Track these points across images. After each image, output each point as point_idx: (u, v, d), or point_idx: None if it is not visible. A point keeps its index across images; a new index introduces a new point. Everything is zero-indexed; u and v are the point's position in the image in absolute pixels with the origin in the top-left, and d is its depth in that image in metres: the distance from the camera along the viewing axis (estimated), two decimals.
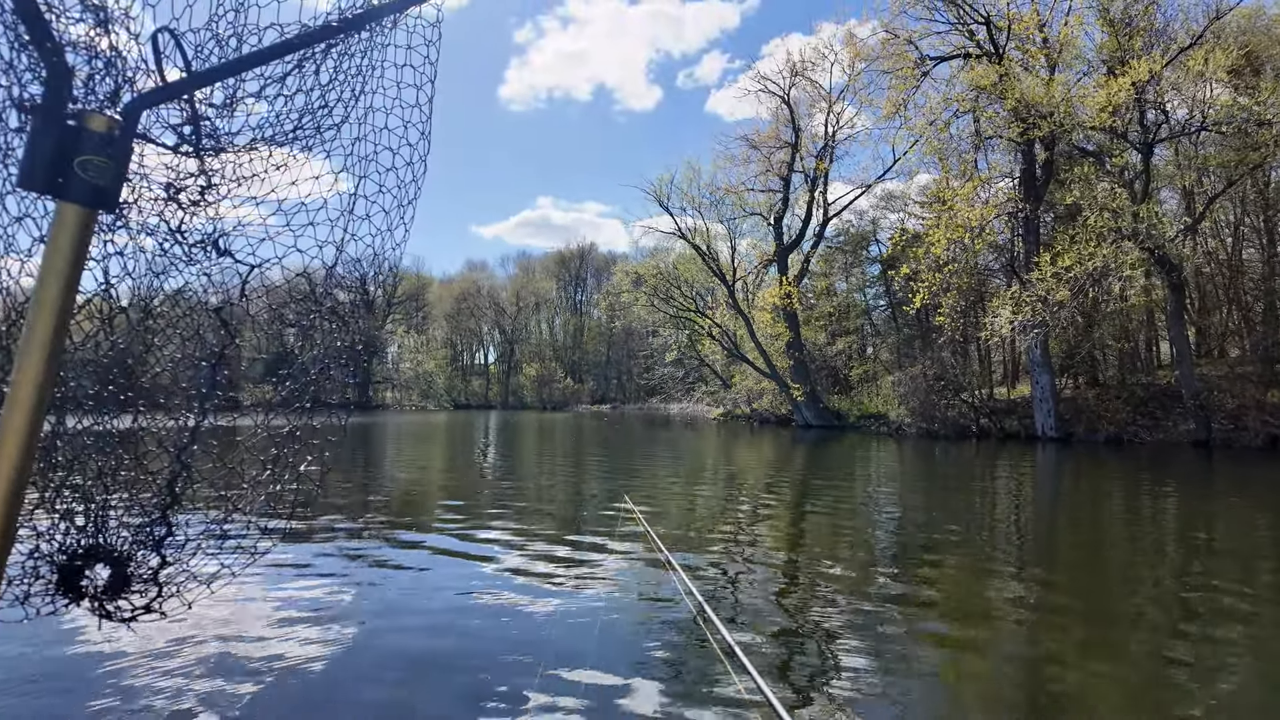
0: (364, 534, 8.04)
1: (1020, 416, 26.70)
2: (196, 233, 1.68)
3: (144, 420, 1.74)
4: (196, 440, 1.68)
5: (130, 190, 1.58)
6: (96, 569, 1.59)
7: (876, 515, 10.11)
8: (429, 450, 21.61)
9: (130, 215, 1.61)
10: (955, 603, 5.83)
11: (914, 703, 3.84)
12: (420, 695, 3.85)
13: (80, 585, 1.58)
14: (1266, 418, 21.48)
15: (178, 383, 1.81)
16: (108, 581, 1.59)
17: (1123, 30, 23.07)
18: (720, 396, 47.67)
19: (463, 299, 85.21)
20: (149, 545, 1.63)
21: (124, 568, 1.60)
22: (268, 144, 1.70)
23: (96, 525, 1.61)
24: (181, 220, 1.66)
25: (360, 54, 1.70)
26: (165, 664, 4.12)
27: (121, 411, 1.72)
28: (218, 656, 4.25)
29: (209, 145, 1.63)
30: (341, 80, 1.69)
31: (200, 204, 1.67)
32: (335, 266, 1.81)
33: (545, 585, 6.00)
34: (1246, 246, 30.17)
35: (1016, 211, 24.67)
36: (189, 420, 1.70)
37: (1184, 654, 4.71)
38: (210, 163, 1.66)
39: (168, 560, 1.64)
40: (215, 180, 1.67)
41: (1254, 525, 9.77)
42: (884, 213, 41.98)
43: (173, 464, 1.66)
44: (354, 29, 1.61)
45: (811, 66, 35.27)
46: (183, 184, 1.64)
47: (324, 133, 1.73)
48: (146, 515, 1.64)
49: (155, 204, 1.63)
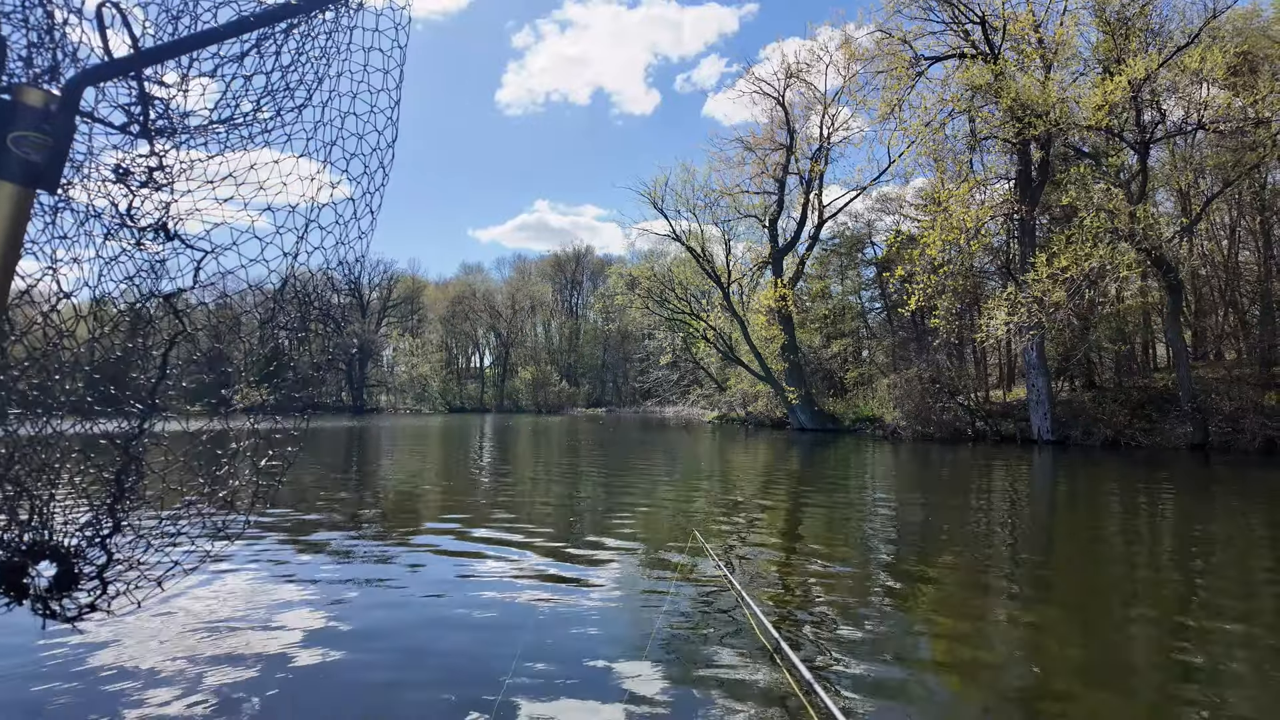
0: (356, 538, 8.02)
1: (1016, 419, 26.50)
2: (147, 218, 1.60)
3: (92, 412, 1.65)
4: (145, 431, 1.60)
5: (75, 171, 1.50)
6: (40, 566, 1.51)
7: (872, 520, 9.98)
8: (424, 454, 21.34)
9: (76, 198, 1.53)
10: (953, 609, 5.79)
11: (912, 711, 3.86)
12: (408, 698, 3.87)
13: (23, 583, 1.49)
14: (1264, 420, 21.29)
15: (128, 372, 1.72)
16: (52, 579, 1.51)
17: (1119, 30, 22.94)
18: (715, 399, 47.50)
19: (458, 302, 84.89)
20: (95, 541, 1.54)
21: (70, 564, 1.52)
22: (224, 126, 1.62)
23: (41, 520, 1.53)
24: (130, 204, 1.58)
25: (324, 35, 1.63)
26: (152, 663, 4.15)
27: (69, 403, 1.63)
28: (204, 657, 4.27)
29: (160, 126, 1.55)
30: (304, 62, 1.63)
31: (150, 186, 1.58)
32: (296, 256, 1.72)
33: (540, 588, 5.96)
34: (1242, 249, 30.06)
35: (1012, 213, 24.51)
36: (139, 410, 1.61)
37: (1183, 660, 4.69)
38: (162, 144, 1.58)
39: (115, 557, 1.56)
40: (167, 162, 1.59)
41: (1251, 528, 9.68)
42: (879, 215, 41.85)
43: (120, 456, 1.58)
44: (315, 9, 1.55)
45: (807, 69, 35.21)
46: (132, 165, 1.56)
47: (284, 115, 1.67)
48: (93, 510, 1.56)
49: (102, 186, 1.55)
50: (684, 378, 59.02)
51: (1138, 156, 23.26)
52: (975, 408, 28.41)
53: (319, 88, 1.68)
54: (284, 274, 1.76)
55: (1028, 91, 21.30)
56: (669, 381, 61.94)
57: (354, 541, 7.87)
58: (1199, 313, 30.69)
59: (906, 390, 29.49)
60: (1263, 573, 7.02)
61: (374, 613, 5.31)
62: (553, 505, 11.02)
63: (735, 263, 40.20)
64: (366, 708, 3.74)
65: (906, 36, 26.14)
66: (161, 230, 1.61)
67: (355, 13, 1.65)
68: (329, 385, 9.91)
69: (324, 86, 1.68)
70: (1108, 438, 23.76)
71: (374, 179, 1.74)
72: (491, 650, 4.52)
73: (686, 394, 57.11)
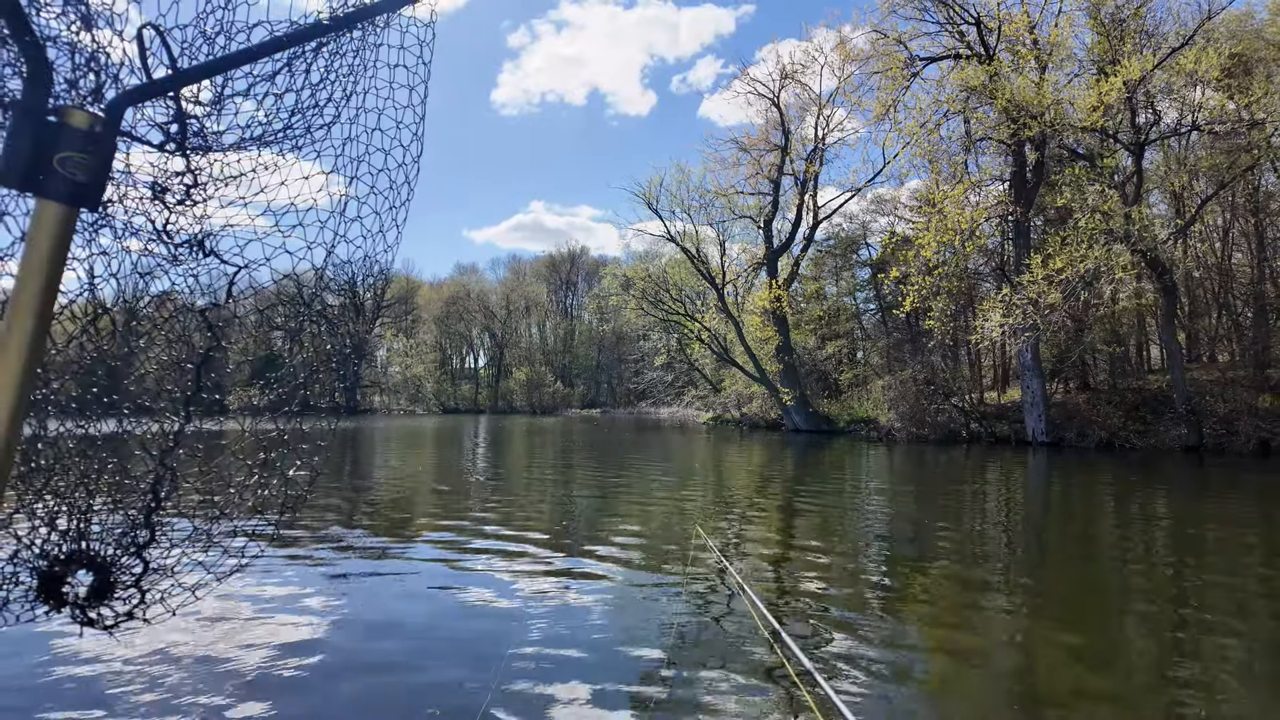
0: (349, 542, 7.98)
1: (1011, 421, 26.47)
2: (183, 233, 1.65)
3: (128, 424, 1.70)
4: (181, 443, 1.64)
5: (114, 189, 1.54)
6: (78, 575, 1.56)
7: (866, 522, 9.94)
8: (418, 456, 21.18)
9: (114, 214, 1.58)
10: (946, 611, 5.80)
11: (903, 712, 3.89)
12: (395, 703, 3.90)
13: (61, 592, 1.54)
14: (1258, 422, 21.30)
15: (163, 385, 1.76)
16: (90, 588, 1.55)
17: (1114, 31, 22.94)
18: (710, 401, 47.40)
19: (452, 302, 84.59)
20: (132, 550, 1.58)
21: (107, 574, 1.56)
22: (256, 143, 1.66)
23: (79, 530, 1.57)
24: (167, 220, 1.62)
25: (352, 53, 1.68)
26: (141, 669, 4.16)
27: (105, 415, 1.67)
28: (196, 660, 4.30)
29: (195, 144, 1.59)
30: (332, 80, 1.67)
31: (186, 203, 1.63)
32: (325, 269, 1.79)
33: (532, 595, 5.92)
34: (1235, 251, 30.13)
35: (1007, 215, 24.48)
36: (173, 424, 1.65)
37: (1176, 661, 4.74)
38: (197, 161, 1.62)
39: (151, 566, 1.60)
40: (202, 179, 1.64)
41: (1245, 531, 9.68)
42: (874, 216, 41.84)
43: (156, 468, 1.61)
44: (345, 28, 1.58)
45: (802, 69, 35.14)
46: (168, 183, 1.60)
47: (314, 132, 1.71)
48: (130, 520, 1.60)
49: (140, 203, 1.60)
50: (679, 379, 58.89)
51: (1132, 158, 23.25)
52: (970, 409, 28.37)
53: (347, 104, 1.71)
54: (315, 289, 1.83)
55: (1023, 92, 21.26)
56: (664, 383, 61.79)
57: (347, 546, 7.81)
58: (1193, 315, 30.74)
59: (901, 392, 29.44)
60: (1256, 582, 7.01)
61: (368, 616, 5.30)
62: (548, 507, 10.95)
63: (730, 264, 40.16)
64: (354, 711, 3.80)
65: (901, 37, 26.12)
66: (199, 246, 1.65)
67: (382, 30, 1.69)
68: (324, 387, 9.97)
69: (351, 103, 1.72)
70: (1102, 440, 23.74)
71: (399, 193, 1.78)
72: (485, 648, 4.62)
73: (681, 395, 56.98)
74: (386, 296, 78.39)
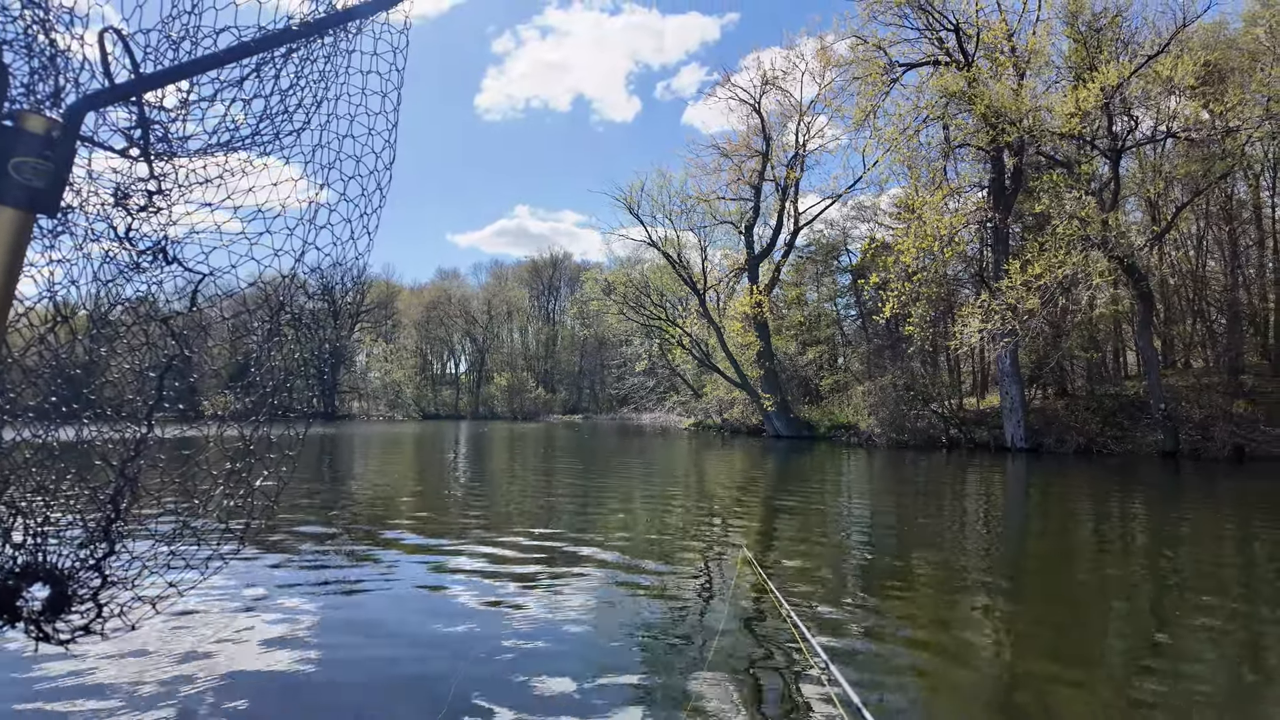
0: (323, 554, 7.78)
1: (990, 427, 26.53)
2: (146, 239, 1.62)
3: (88, 432, 1.64)
4: (142, 453, 1.60)
5: (74, 194, 1.51)
6: (34, 589, 1.50)
7: (848, 529, 9.85)
8: (397, 464, 20.77)
9: (75, 220, 1.54)
10: (928, 616, 5.80)
11: (891, 709, 3.94)
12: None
13: (16, 606, 1.47)
14: (1233, 428, 21.45)
15: (124, 394, 1.71)
16: (46, 601, 1.50)
17: (1091, 39, 23.13)
18: (692, 406, 47.23)
19: (433, 307, 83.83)
20: (90, 564, 1.53)
21: (64, 587, 1.51)
22: (223, 149, 1.64)
23: (35, 542, 1.51)
24: (129, 226, 1.59)
25: (323, 59, 1.65)
26: (121, 679, 4.11)
27: (64, 423, 1.62)
28: (175, 670, 4.26)
29: (160, 149, 1.56)
30: (302, 85, 1.65)
31: (149, 209, 1.60)
32: (293, 277, 1.75)
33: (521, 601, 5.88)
34: (1209, 259, 30.48)
35: (986, 221, 24.57)
36: (135, 432, 1.61)
37: (1155, 659, 4.87)
38: (162, 167, 1.59)
39: (110, 579, 1.55)
40: (166, 185, 1.61)
41: (1220, 536, 9.75)
42: (855, 223, 41.93)
43: (117, 478, 1.57)
44: (315, 34, 1.55)
45: (783, 76, 35.15)
46: (131, 188, 1.57)
47: (283, 139, 1.68)
48: (88, 532, 1.54)
49: (102, 209, 1.56)
50: (660, 384, 58.67)
51: (1109, 165, 23.42)
52: (949, 415, 28.41)
53: (317, 110, 1.69)
54: (283, 298, 1.78)
55: (1001, 98, 21.34)
56: (645, 388, 61.55)
57: (322, 556, 7.61)
58: (1168, 321, 31.02)
59: (881, 397, 29.45)
60: (1231, 583, 7.11)
61: (338, 631, 5.19)
62: (529, 514, 10.72)
63: (711, 269, 40.10)
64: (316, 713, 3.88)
65: (881, 43, 26.15)
66: (160, 253, 1.61)
67: (354, 36, 1.66)
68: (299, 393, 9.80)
69: (322, 109, 1.70)
70: (1080, 445, 23.82)
71: (371, 200, 1.75)
72: (436, 667, 4.52)
73: (663, 401, 56.80)
74: (366, 301, 77.78)
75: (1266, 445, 20.75)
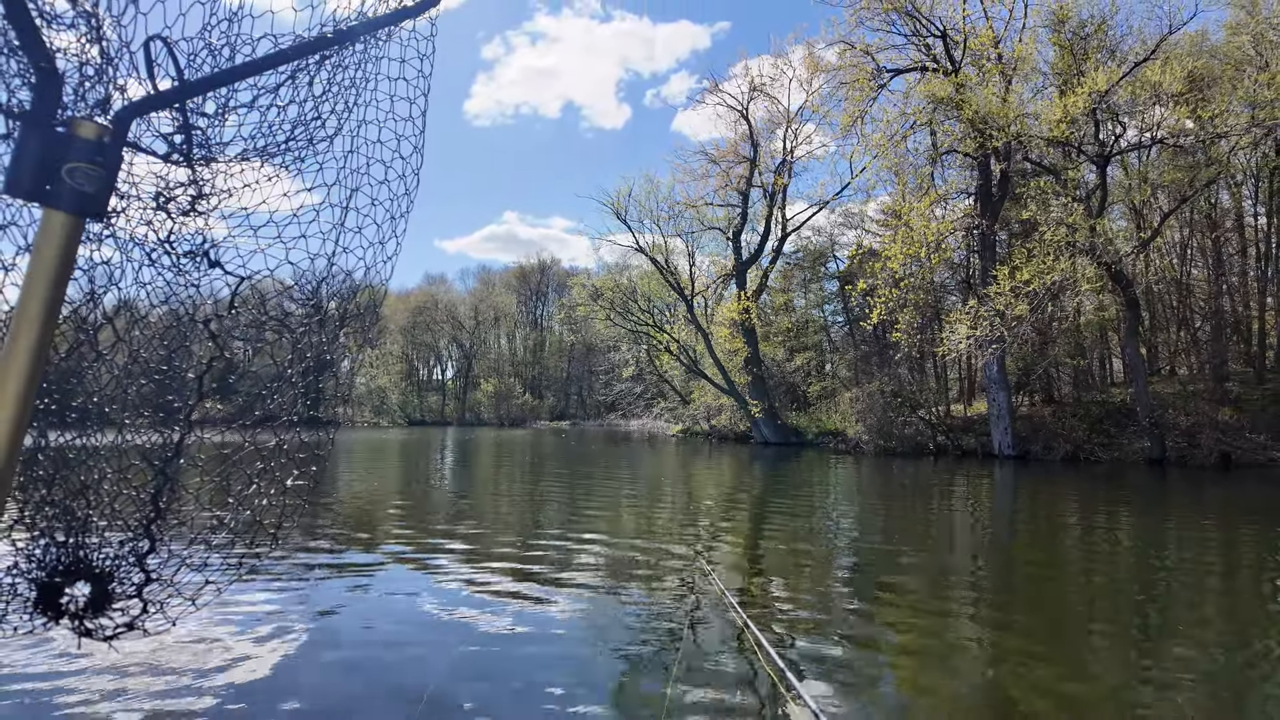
0: (309, 564, 7.56)
1: (977, 434, 26.46)
2: (186, 243, 1.64)
3: (128, 434, 1.69)
4: (181, 453, 1.63)
5: (119, 199, 1.54)
6: (77, 586, 1.55)
7: (836, 538, 9.68)
8: (381, 473, 20.42)
9: (118, 224, 1.58)
10: (910, 624, 5.64)
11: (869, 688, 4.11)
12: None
13: (60, 603, 1.54)
14: (1219, 435, 21.47)
15: (163, 395, 1.75)
16: (88, 599, 1.55)
17: (1077, 46, 23.20)
18: (679, 413, 47.01)
19: (419, 312, 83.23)
20: (132, 560, 1.59)
21: (106, 584, 1.56)
22: (259, 155, 1.67)
23: (78, 541, 1.58)
24: (170, 230, 1.63)
25: (354, 66, 1.69)
26: (110, 684, 4.13)
27: (105, 425, 1.68)
28: (151, 680, 4.23)
29: (200, 154, 1.60)
30: (335, 92, 1.69)
31: (190, 214, 1.64)
32: (325, 280, 1.81)
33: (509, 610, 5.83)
34: (1193, 266, 30.66)
35: (973, 227, 24.55)
36: (174, 434, 1.65)
37: (1140, 666, 4.88)
38: (201, 172, 1.62)
39: (151, 576, 1.60)
40: (206, 190, 1.64)
41: (1206, 542, 9.74)
42: (842, 230, 41.96)
43: (156, 477, 1.62)
44: (348, 41, 1.59)
45: (771, 82, 35.15)
46: (173, 193, 1.61)
47: (316, 144, 1.72)
48: (130, 530, 1.60)
49: (144, 213, 1.60)
50: (648, 390, 58.43)
51: (1096, 171, 23.47)
52: (937, 422, 28.34)
53: (349, 117, 1.72)
54: (323, 303, 1.88)
55: (988, 104, 21.33)
56: (633, 394, 61.29)
57: (307, 566, 7.39)
58: (1153, 328, 31.15)
59: (868, 404, 29.35)
60: (1218, 592, 7.11)
61: (312, 639, 5.13)
62: (515, 523, 10.53)
63: (699, 275, 40.00)
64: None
65: (869, 49, 26.14)
66: (204, 256, 1.64)
67: (383, 43, 1.70)
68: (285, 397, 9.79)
69: (353, 116, 1.73)
70: (1067, 452, 23.77)
71: (400, 204, 1.79)
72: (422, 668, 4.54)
73: (651, 407, 56.52)
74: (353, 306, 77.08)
75: (1252, 452, 20.77)
